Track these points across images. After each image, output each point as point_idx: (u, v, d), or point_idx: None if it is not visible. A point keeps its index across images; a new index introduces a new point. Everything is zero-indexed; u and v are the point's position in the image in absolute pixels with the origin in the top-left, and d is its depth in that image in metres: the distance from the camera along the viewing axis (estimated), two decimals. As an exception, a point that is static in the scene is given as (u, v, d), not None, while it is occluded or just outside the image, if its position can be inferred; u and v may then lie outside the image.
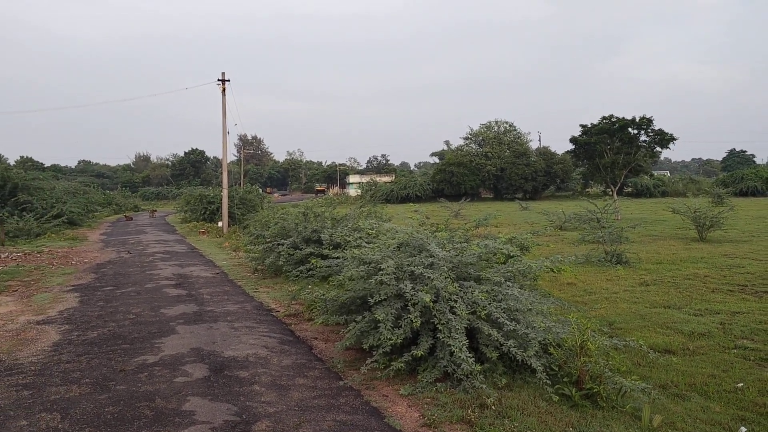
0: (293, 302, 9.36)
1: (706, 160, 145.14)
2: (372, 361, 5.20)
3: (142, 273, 13.45)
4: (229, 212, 26.60)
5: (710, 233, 17.87)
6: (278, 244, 12.21)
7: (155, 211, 46.98)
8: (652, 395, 4.86)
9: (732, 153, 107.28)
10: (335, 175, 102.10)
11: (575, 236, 18.46)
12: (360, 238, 7.37)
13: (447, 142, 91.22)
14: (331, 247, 9.61)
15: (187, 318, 8.62)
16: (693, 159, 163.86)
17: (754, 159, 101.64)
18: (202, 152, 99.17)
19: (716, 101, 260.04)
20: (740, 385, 5.62)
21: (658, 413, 4.73)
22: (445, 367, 5.04)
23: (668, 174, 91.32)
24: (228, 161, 27.96)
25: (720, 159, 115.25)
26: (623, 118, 28.21)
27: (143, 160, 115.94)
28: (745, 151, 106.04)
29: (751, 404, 5.17)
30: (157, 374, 5.91)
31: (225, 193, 26.31)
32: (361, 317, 5.62)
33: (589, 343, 4.63)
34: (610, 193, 29.38)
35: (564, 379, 4.67)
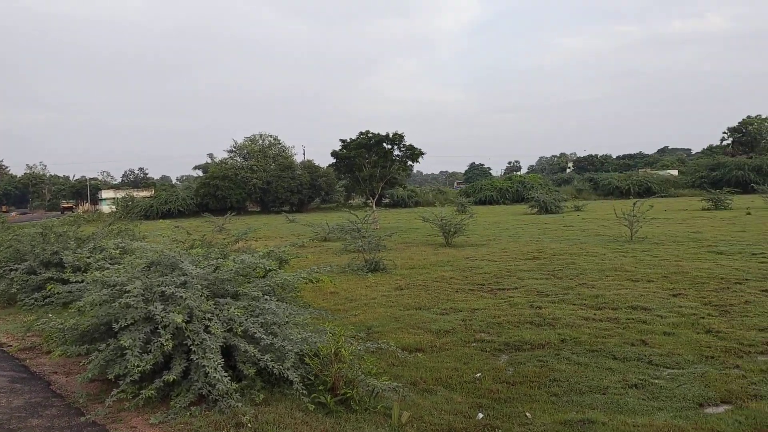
0: (29, 334, 8.30)
1: (452, 172, 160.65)
2: (118, 392, 4.78)
3: None
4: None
5: (455, 239, 19.69)
6: (11, 270, 10.79)
7: None
8: (402, 393, 5.16)
9: (472, 166, 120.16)
10: (85, 191, 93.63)
11: (339, 246, 19.11)
12: (103, 259, 6.78)
13: (211, 155, 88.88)
14: (73, 271, 8.72)
15: None
16: (441, 171, 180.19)
17: (491, 171, 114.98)
18: None
19: (459, 120, 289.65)
20: (478, 375, 6.24)
21: (407, 409, 5.04)
22: (200, 389, 4.83)
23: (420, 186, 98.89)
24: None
25: (463, 171, 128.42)
26: (378, 133, 30.00)
27: None
28: (483, 164, 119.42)
29: (487, 391, 5.75)
30: None
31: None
32: (105, 345, 5.15)
33: (342, 349, 4.80)
34: (370, 204, 30.99)
35: (320, 388, 4.77)
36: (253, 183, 58.72)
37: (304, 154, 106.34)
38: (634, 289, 10.55)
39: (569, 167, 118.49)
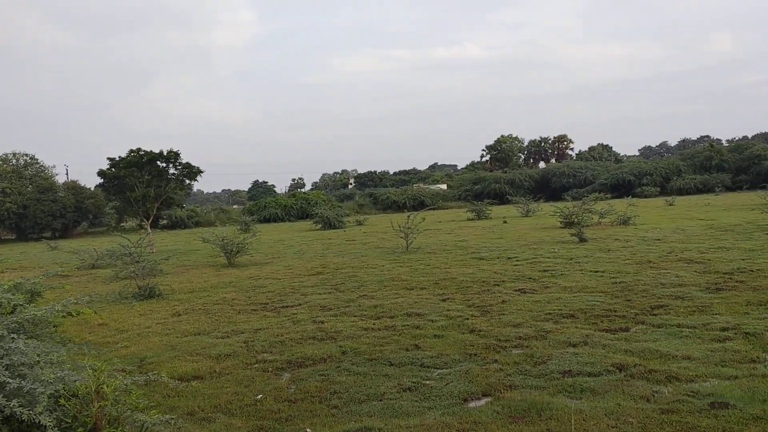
0: None
1: (235, 190, 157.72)
2: None
3: None
4: None
5: (238, 258, 19.29)
6: None
7: None
8: (176, 425, 4.88)
9: (256, 184, 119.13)
10: None
11: (109, 273, 17.65)
12: None
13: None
14: None
15: None
16: (223, 190, 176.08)
17: (275, 189, 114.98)
18: None
19: (241, 137, 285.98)
20: (259, 396, 6.12)
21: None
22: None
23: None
24: None
25: (247, 189, 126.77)
26: (151, 151, 28.44)
27: None
28: (267, 182, 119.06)
29: (269, 412, 5.66)
30: None
31: None
32: None
33: (105, 385, 4.40)
34: (145, 226, 29.21)
35: (79, 430, 4.32)
36: (6, 207, 52.11)
37: (67, 174, 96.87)
38: (409, 296, 11.19)
39: (351, 183, 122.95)
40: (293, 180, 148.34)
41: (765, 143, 74.68)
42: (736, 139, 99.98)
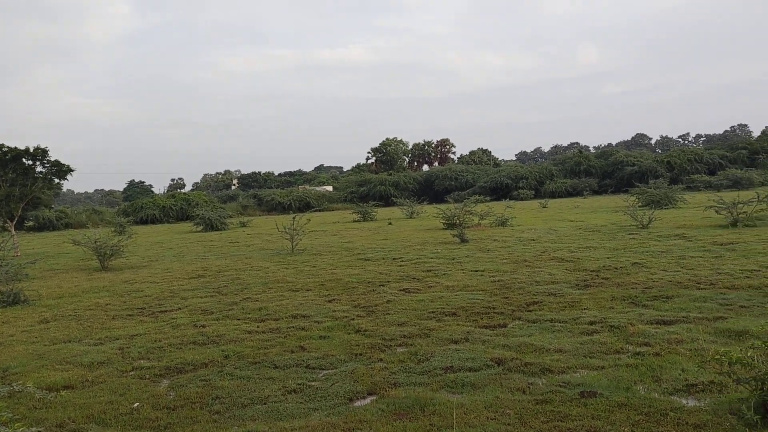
0: None
1: (109, 190, 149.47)
2: None
3: None
4: None
5: (112, 262, 18.28)
6: None
7: None
8: (43, 440, 4.54)
9: (132, 184, 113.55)
10: None
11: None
12: None
13: None
14: None
15: None
16: (96, 190, 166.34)
17: (152, 189, 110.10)
18: None
19: (115, 135, 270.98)
20: (136, 405, 5.81)
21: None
22: None
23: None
24: None
25: (122, 189, 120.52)
26: (16, 147, 26.33)
27: None
28: (144, 182, 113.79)
29: (146, 421, 5.39)
30: None
31: None
32: None
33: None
34: (9, 228, 27.00)
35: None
36: None
37: None
38: (295, 298, 11.08)
39: (234, 184, 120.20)
40: (173, 180, 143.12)
41: (627, 150, 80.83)
42: (602, 146, 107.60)
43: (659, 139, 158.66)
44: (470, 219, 25.61)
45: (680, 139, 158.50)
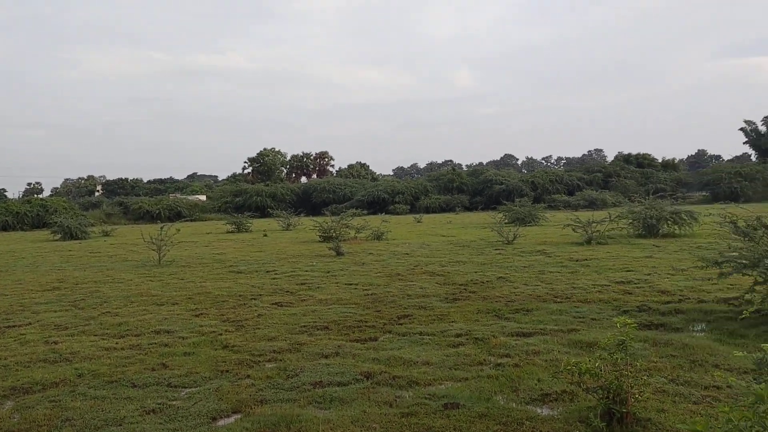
0: None
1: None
2: None
3: None
4: None
5: (-47, 272, 16.56)
6: None
7: None
8: None
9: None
10: None
11: None
12: None
13: None
14: None
15: None
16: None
17: (6, 194, 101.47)
18: None
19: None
20: (-30, 432, 5.27)
21: None
22: None
23: None
24: None
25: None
26: None
27: None
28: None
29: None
30: None
31: None
32: None
33: None
34: None
35: None
36: None
37: None
38: (159, 313, 10.56)
39: (98, 191, 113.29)
40: (29, 185, 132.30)
41: (496, 170, 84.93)
42: (474, 164, 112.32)
43: (525, 160, 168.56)
44: (347, 232, 25.76)
45: (543, 161, 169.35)
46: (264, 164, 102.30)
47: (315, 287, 12.89)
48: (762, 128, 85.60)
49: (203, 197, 78.28)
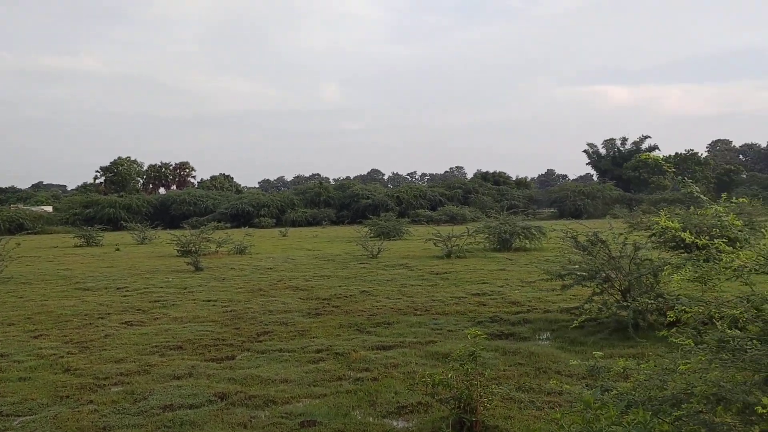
0: None
1: None
2: None
3: None
4: None
5: None
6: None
7: None
8: None
9: None
10: None
11: None
12: None
13: None
14: None
15: None
16: None
17: None
18: None
19: None
20: None
21: None
22: None
23: None
24: None
25: None
26: None
27: None
28: None
29: None
30: None
31: None
32: None
33: None
34: None
35: None
36: None
37: None
38: (-9, 335, 9.58)
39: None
40: None
41: (363, 184, 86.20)
42: (342, 178, 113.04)
43: (391, 175, 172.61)
44: (207, 246, 24.89)
45: (408, 176, 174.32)
46: (118, 174, 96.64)
47: (170, 305, 12.29)
48: (602, 151, 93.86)
49: (49, 208, 72.46)
